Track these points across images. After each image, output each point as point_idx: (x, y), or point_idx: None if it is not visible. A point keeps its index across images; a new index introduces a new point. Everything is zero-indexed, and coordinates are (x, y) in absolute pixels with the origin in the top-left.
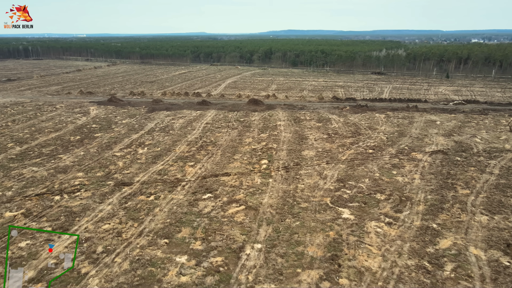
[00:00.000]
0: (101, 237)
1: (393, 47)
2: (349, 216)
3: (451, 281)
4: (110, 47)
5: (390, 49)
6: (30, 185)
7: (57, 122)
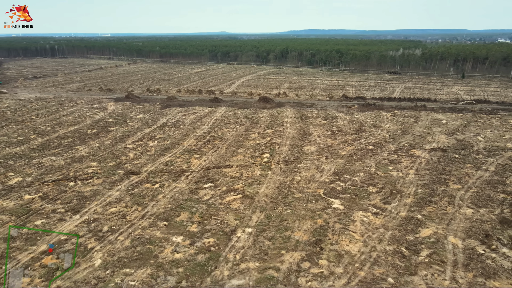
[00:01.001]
0: (108, 218)
1: (411, 47)
2: (338, 206)
3: (423, 265)
4: (132, 46)
5: (408, 48)
6: (48, 172)
7: (77, 117)
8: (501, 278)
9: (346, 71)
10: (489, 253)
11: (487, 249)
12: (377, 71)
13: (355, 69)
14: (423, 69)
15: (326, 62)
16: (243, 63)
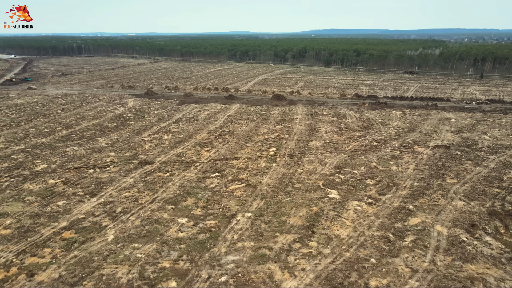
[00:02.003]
0: (121, 201)
1: (431, 46)
2: (335, 196)
3: (406, 249)
4: (154, 45)
5: (428, 48)
6: (70, 160)
7: (99, 111)
8: (479, 262)
9: (363, 71)
10: (471, 240)
11: (471, 237)
12: (394, 70)
13: (372, 69)
14: (441, 69)
15: (343, 61)
16: (261, 62)
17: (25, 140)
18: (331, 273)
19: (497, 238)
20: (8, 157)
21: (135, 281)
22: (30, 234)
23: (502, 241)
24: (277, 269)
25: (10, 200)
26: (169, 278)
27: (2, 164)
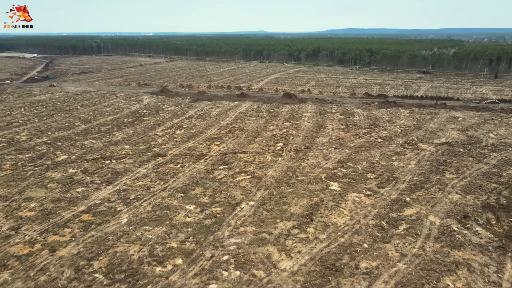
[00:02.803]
0: (135, 189)
1: (447, 46)
2: (336, 188)
3: (398, 236)
4: (170, 45)
5: (444, 48)
6: (88, 152)
7: (116, 108)
8: (466, 249)
9: (376, 70)
10: (462, 230)
11: (462, 227)
12: (407, 70)
13: (385, 68)
14: (455, 69)
15: (356, 61)
16: (275, 61)
17: (47, 133)
18: (324, 256)
19: (487, 229)
20: (32, 149)
21: (145, 258)
22: (52, 216)
23: (491, 231)
24: (275, 251)
25: (34, 187)
26: (176, 256)
27: (26, 154)
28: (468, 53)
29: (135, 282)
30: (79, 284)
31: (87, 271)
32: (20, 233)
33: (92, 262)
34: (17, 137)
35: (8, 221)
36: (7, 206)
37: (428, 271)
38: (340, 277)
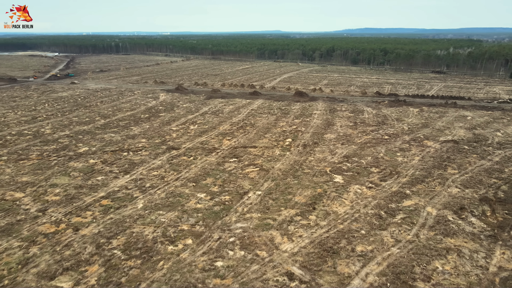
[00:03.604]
0: (150, 178)
1: (463, 46)
2: (339, 181)
3: (395, 224)
4: (187, 44)
5: (460, 47)
6: (107, 145)
7: (133, 104)
8: (458, 237)
9: (390, 70)
10: (457, 220)
11: (457, 217)
12: (421, 70)
13: (399, 68)
14: (470, 69)
15: (370, 60)
16: (289, 61)
17: (69, 127)
18: (323, 240)
19: (481, 220)
20: (56, 141)
21: (158, 238)
22: (75, 200)
23: (485, 222)
24: (278, 235)
25: (58, 174)
26: (186, 237)
27: (51, 146)
28: (484, 53)
29: (149, 258)
30: (100, 258)
31: (106, 247)
32: (47, 215)
33: (111, 240)
34: (42, 130)
35: (36, 204)
36: (35, 191)
37: (419, 255)
38: (336, 258)
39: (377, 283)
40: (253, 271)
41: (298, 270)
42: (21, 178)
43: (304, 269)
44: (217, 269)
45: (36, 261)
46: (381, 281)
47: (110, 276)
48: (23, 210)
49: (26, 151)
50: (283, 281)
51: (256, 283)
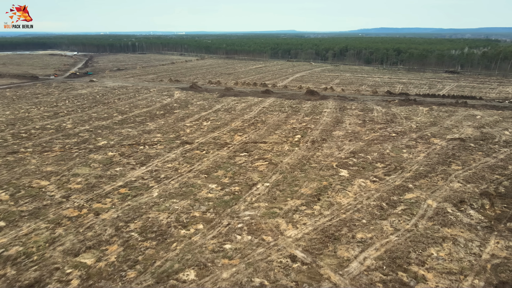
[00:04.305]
0: (165, 170)
1: (479, 46)
2: (345, 174)
3: (395, 215)
4: (201, 44)
5: (475, 47)
6: (125, 139)
7: (149, 101)
8: (455, 227)
9: (403, 70)
10: (455, 212)
11: (456, 210)
12: (435, 69)
13: (412, 68)
14: (485, 69)
15: (383, 60)
16: (302, 60)
17: (89, 122)
18: (326, 227)
19: (480, 212)
20: (76, 135)
21: (172, 223)
22: (95, 188)
23: (483, 214)
24: (283, 222)
25: (80, 165)
26: (197, 222)
27: (72, 139)
28: (498, 53)
29: (163, 239)
30: (119, 239)
31: (125, 230)
32: (70, 201)
33: (129, 224)
34: (64, 124)
35: (60, 191)
36: (58, 180)
37: (416, 242)
38: (337, 244)
39: (374, 266)
40: (258, 253)
41: (300, 253)
42: (45, 168)
43: (306, 252)
44: (226, 251)
45: (62, 240)
46: (378, 264)
47: (128, 254)
48: (49, 196)
49: (49, 143)
50: (286, 262)
51: (261, 264)
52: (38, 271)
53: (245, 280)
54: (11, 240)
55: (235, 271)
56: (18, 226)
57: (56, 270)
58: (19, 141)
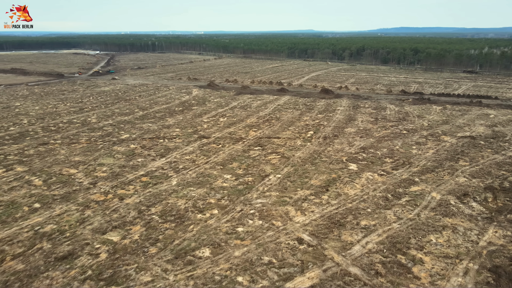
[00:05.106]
0: (183, 161)
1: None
2: (354, 168)
3: (399, 206)
4: (219, 43)
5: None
6: (146, 133)
7: (168, 98)
8: (456, 218)
9: (420, 69)
10: (458, 204)
11: (459, 202)
12: (453, 70)
13: (430, 68)
14: (505, 69)
15: (400, 60)
16: (319, 60)
17: (112, 117)
18: (332, 215)
19: (482, 205)
20: (101, 129)
21: (189, 208)
22: (119, 177)
23: (485, 207)
24: (292, 209)
25: (105, 156)
26: (213, 208)
27: (97, 133)
28: None
29: (181, 222)
30: (141, 220)
31: (146, 213)
32: (97, 187)
33: (150, 208)
34: (89, 119)
35: (87, 178)
36: (86, 168)
37: (417, 230)
38: (342, 230)
39: (375, 250)
40: (268, 236)
41: (307, 237)
42: (73, 158)
43: (312, 236)
44: (238, 233)
45: (91, 221)
46: (379, 248)
47: (150, 234)
48: (77, 183)
49: (76, 136)
50: (293, 244)
51: (270, 245)
52: (70, 245)
53: (255, 258)
54: (46, 219)
55: (246, 250)
56: (51, 207)
57: (86, 245)
58: (48, 134)
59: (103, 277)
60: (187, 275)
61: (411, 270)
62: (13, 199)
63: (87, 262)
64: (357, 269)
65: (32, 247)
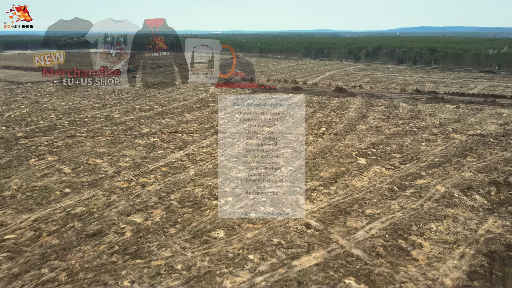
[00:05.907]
0: (200, 154)
1: None
2: (362, 162)
3: (403, 197)
4: (236, 42)
5: None
6: (165, 128)
7: (186, 95)
8: (458, 208)
9: (436, 69)
10: (461, 196)
11: (462, 194)
12: (470, 69)
13: (447, 67)
14: None
15: (416, 59)
16: (335, 59)
17: (133, 113)
18: (339, 203)
19: (485, 197)
20: (123, 123)
21: (206, 195)
22: (141, 166)
23: (488, 199)
24: (301, 198)
25: (127, 148)
26: (227, 196)
27: (119, 127)
28: None
29: (198, 207)
30: (162, 205)
31: (166, 199)
32: (121, 175)
33: (169, 195)
34: (111, 114)
35: (112, 168)
36: (110, 159)
37: (419, 218)
38: (347, 217)
39: (377, 235)
40: (278, 221)
41: (314, 222)
42: (99, 149)
43: (319, 222)
44: (250, 218)
45: (116, 204)
46: (381, 233)
47: (170, 217)
48: (103, 171)
49: (100, 130)
50: (301, 228)
51: (280, 229)
52: (99, 225)
53: (266, 239)
54: (76, 202)
55: (257, 232)
56: (80, 192)
57: (113, 225)
58: (74, 127)
59: (128, 252)
60: (203, 252)
61: (410, 253)
62: (46, 184)
63: (114, 239)
64: (359, 251)
65: (65, 226)
